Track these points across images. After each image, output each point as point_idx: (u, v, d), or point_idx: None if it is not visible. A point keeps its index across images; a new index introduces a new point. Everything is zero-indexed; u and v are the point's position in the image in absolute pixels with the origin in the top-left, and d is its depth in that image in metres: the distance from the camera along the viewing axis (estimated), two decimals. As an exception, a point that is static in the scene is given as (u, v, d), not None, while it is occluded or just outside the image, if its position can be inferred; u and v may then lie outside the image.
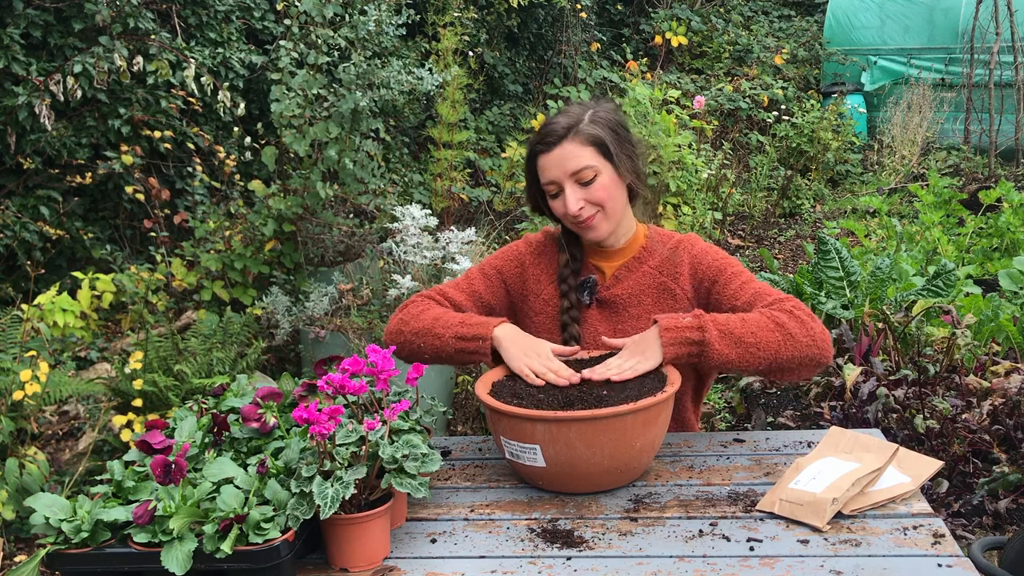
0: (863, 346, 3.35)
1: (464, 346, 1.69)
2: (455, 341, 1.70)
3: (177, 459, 1.31)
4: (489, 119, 6.68)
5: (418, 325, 1.75)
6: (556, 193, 1.77)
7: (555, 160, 1.74)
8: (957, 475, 2.72)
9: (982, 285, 4.25)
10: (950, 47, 8.11)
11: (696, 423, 1.95)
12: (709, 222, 5.74)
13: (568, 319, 1.82)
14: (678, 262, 1.83)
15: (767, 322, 1.61)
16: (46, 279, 4.02)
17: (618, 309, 1.83)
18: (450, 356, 1.72)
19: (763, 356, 1.59)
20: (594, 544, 1.36)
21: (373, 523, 1.33)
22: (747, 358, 1.59)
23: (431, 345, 1.72)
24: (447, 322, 1.73)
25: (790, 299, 1.68)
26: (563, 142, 1.74)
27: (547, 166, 1.76)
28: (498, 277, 1.90)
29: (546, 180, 1.77)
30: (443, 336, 1.71)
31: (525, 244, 1.93)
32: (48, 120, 3.82)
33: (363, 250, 4.19)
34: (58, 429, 3.22)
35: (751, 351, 1.59)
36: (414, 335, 1.75)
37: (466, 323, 1.72)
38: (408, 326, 1.77)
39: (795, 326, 1.61)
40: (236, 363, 3.33)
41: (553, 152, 1.74)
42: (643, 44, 8.76)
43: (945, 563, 1.25)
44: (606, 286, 1.84)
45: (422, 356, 1.75)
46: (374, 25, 4.07)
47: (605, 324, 1.82)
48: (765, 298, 1.70)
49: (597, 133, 1.75)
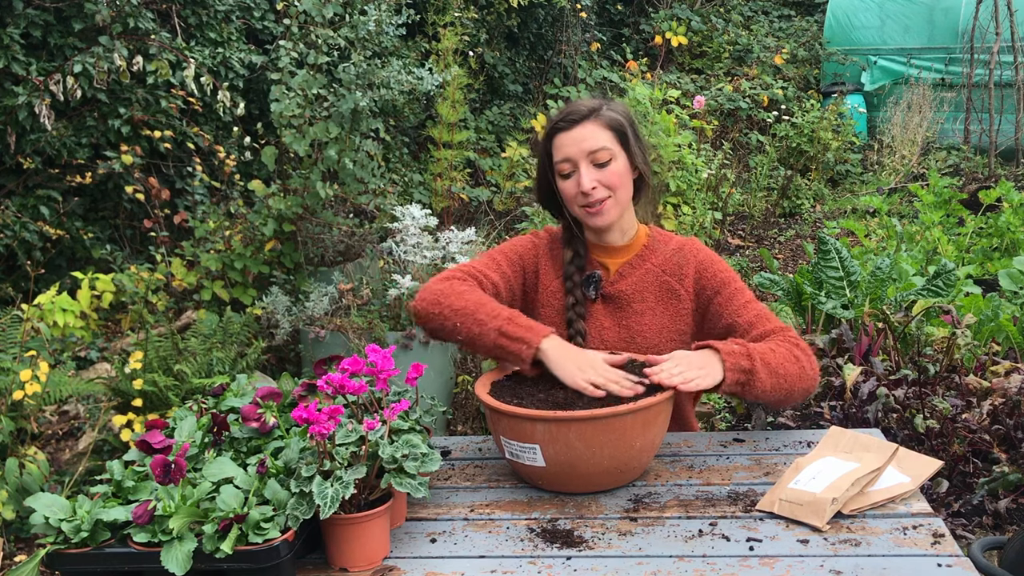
0: (863, 346, 3.35)
1: (506, 344, 1.62)
2: (497, 336, 1.63)
3: (177, 459, 1.31)
4: (489, 119, 6.68)
5: (460, 304, 1.67)
6: (569, 173, 1.79)
7: (575, 138, 1.77)
8: (957, 475, 2.72)
9: (982, 285, 4.25)
10: (950, 47, 8.11)
11: (696, 422, 1.97)
12: (709, 222, 5.74)
13: (574, 315, 1.84)
14: (683, 264, 1.85)
15: (789, 355, 1.66)
16: (46, 279, 4.02)
17: (622, 304, 1.85)
18: (486, 347, 1.64)
19: (786, 388, 1.64)
20: (594, 544, 1.36)
21: (373, 523, 1.33)
22: (777, 389, 1.63)
23: (469, 330, 1.65)
24: (493, 312, 1.66)
25: (790, 329, 1.74)
26: (585, 122, 1.78)
27: (565, 143, 1.78)
28: (520, 263, 1.90)
29: (561, 158, 1.78)
30: (486, 325, 1.64)
31: (536, 237, 1.94)
32: (48, 120, 3.82)
33: (363, 250, 4.19)
34: (58, 429, 3.22)
35: (781, 383, 1.63)
36: (454, 313, 1.66)
37: (514, 321, 1.64)
38: (449, 301, 1.68)
39: (806, 361, 1.68)
40: (236, 363, 3.33)
41: (573, 130, 1.78)
42: (643, 44, 8.76)
43: (945, 563, 1.25)
44: (610, 281, 1.86)
45: (455, 336, 1.67)
46: (374, 25, 4.06)
47: (609, 319, 1.84)
48: (766, 323, 1.74)
49: (618, 119, 1.80)
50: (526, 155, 5.80)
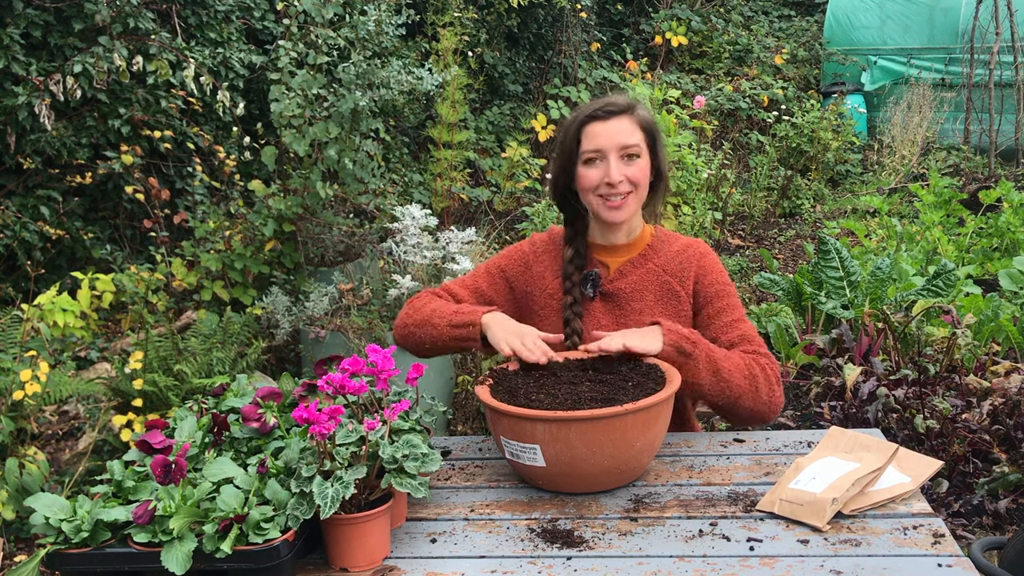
0: (863, 346, 3.35)
1: (457, 333, 1.77)
2: (449, 329, 1.79)
3: (177, 459, 1.31)
4: (489, 119, 6.68)
5: (419, 317, 1.85)
6: (595, 161, 1.80)
7: (610, 129, 1.79)
8: (957, 475, 2.72)
9: (982, 285, 4.25)
10: (950, 47, 8.11)
11: (697, 423, 1.97)
12: (709, 222, 5.74)
13: (571, 314, 1.85)
14: (686, 265, 1.87)
15: (744, 368, 1.71)
16: (46, 279, 4.02)
17: (620, 303, 1.86)
18: (445, 344, 1.80)
19: (728, 395, 1.70)
20: (594, 544, 1.36)
21: (373, 523, 1.33)
22: (715, 390, 1.69)
23: (429, 335, 1.82)
24: (443, 312, 1.82)
25: (769, 356, 1.78)
26: (623, 115, 1.81)
27: (599, 133, 1.80)
28: (501, 276, 1.94)
29: (593, 147, 1.80)
30: (439, 325, 1.80)
31: (529, 244, 1.97)
32: (48, 120, 3.82)
33: (363, 250, 4.19)
34: (58, 429, 3.22)
35: (721, 386, 1.69)
36: (415, 326, 1.85)
37: (459, 312, 1.81)
38: (411, 319, 1.87)
39: (763, 384, 1.72)
40: (236, 363, 3.33)
41: (610, 122, 1.80)
42: (643, 44, 8.76)
43: (945, 563, 1.25)
44: (609, 279, 1.87)
45: (423, 346, 1.85)
46: (374, 25, 4.07)
47: (608, 317, 1.85)
48: (747, 345, 1.79)
49: (650, 120, 1.85)
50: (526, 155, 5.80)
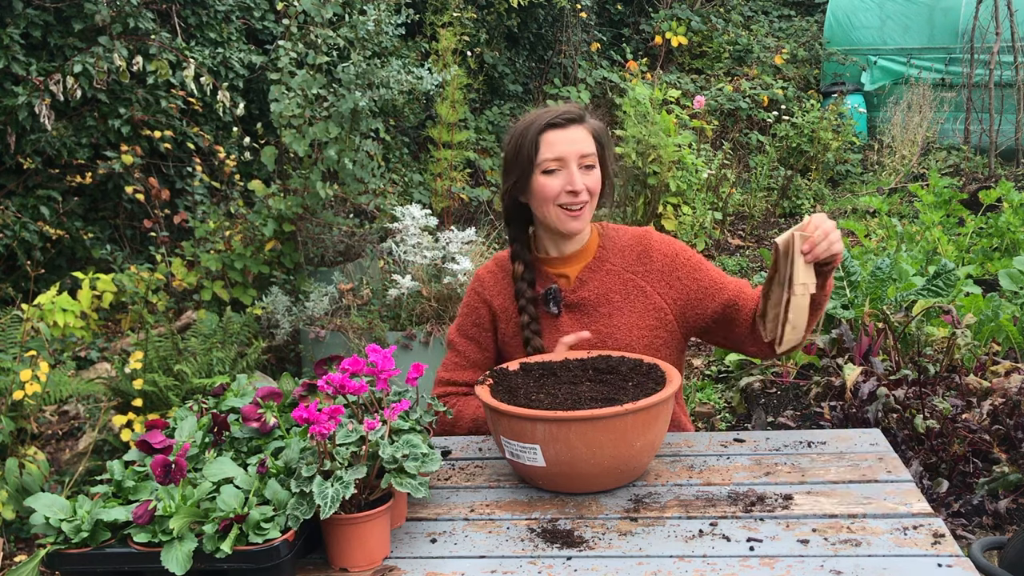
0: (863, 346, 3.35)
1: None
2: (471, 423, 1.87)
3: (177, 459, 1.31)
4: (489, 119, 6.68)
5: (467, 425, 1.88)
6: (555, 170, 1.78)
7: (570, 138, 1.78)
8: (957, 475, 2.72)
9: (982, 285, 4.25)
10: (950, 47, 8.11)
11: (689, 422, 1.96)
12: (709, 222, 5.74)
13: (529, 333, 1.83)
14: (645, 259, 1.85)
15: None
16: (46, 279, 4.02)
17: (588, 310, 1.83)
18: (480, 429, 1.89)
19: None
20: (594, 544, 1.36)
21: (373, 523, 1.33)
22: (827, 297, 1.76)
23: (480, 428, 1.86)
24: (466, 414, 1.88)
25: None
26: (580, 124, 1.80)
27: (559, 141, 1.78)
28: (476, 329, 1.92)
29: (553, 155, 1.77)
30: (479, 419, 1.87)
31: (477, 282, 1.94)
32: (48, 120, 3.82)
33: (363, 250, 4.19)
34: (58, 429, 3.22)
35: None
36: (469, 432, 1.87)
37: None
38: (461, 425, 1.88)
39: None
40: (236, 363, 3.33)
41: (569, 130, 1.78)
42: (643, 44, 8.76)
43: (945, 563, 1.25)
44: (571, 290, 1.85)
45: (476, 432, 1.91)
46: (373, 25, 4.07)
47: (579, 327, 1.83)
48: (746, 288, 1.84)
49: (601, 129, 1.83)
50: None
